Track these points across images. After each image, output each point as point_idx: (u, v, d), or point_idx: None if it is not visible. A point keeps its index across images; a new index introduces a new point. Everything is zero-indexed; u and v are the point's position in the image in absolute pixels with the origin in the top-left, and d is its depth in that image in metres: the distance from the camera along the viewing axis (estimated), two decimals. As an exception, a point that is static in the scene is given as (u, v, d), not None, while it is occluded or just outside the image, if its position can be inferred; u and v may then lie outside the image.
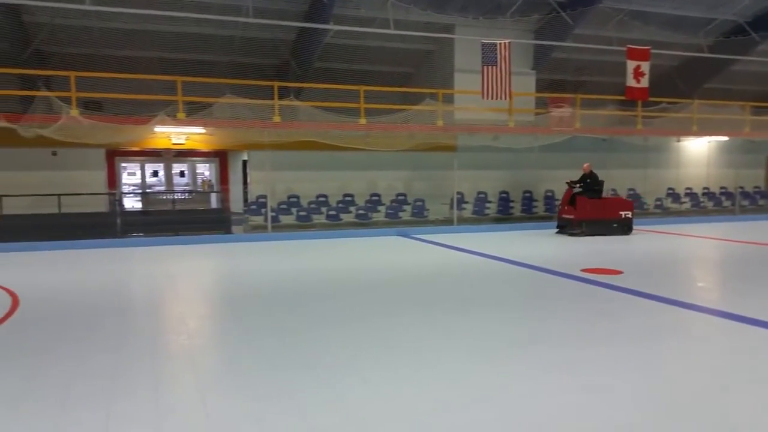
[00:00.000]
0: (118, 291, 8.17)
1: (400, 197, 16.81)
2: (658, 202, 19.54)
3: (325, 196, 16.08)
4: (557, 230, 14.48)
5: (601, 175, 14.41)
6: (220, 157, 20.22)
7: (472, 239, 13.40)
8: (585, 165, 14.37)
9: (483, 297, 7.49)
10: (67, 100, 12.49)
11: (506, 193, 17.95)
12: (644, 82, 15.83)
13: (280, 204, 15.39)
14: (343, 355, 4.96)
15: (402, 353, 5.03)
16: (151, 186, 20.08)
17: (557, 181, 16.43)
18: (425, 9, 15.59)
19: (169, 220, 14.78)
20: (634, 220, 14.44)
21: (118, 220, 13.90)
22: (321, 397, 4.00)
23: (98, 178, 15.12)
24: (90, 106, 13.31)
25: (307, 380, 4.33)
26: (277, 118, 13.84)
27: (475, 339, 5.45)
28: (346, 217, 15.68)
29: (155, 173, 21.42)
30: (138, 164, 20.03)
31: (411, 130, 14.96)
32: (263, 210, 14.84)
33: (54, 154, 14.29)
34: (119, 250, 12.04)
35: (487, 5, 16.44)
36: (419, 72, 19.10)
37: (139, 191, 19.28)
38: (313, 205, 15.74)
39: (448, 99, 16.52)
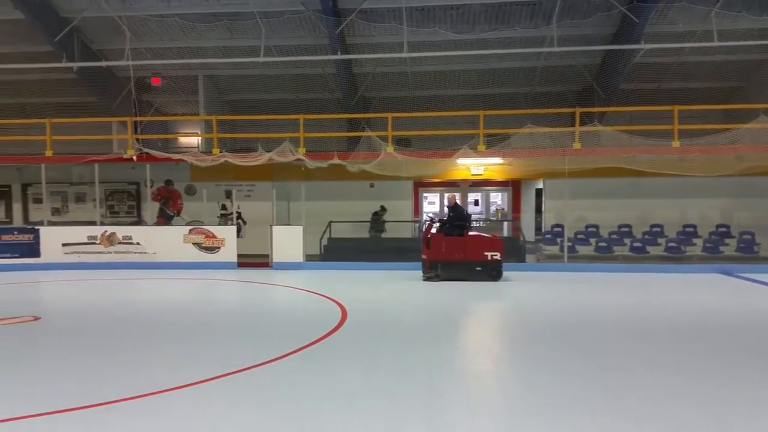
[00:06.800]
0: (426, 309, 8.75)
1: (721, 229, 14.50)
2: None
3: (628, 226, 14.82)
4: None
5: None
6: (513, 186, 20.43)
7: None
8: (449, 195, 12.22)
9: None
10: (384, 138, 14.11)
11: None
12: None
13: (577, 233, 14.72)
14: (663, 408, 4.34)
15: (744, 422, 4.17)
16: (446, 214, 21.32)
17: None
18: (760, 14, 13.36)
19: (466, 247, 15.39)
20: None
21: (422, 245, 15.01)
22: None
23: (406, 207, 16.69)
24: (401, 143, 14.81)
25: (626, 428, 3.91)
26: (577, 145, 13.36)
27: None
28: (653, 250, 14.17)
29: (452, 202, 22.75)
30: (437, 194, 21.53)
31: (740, 151, 12.84)
32: (559, 239, 14.39)
33: (371, 185, 16.21)
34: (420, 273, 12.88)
35: None
36: (749, 85, 16.41)
37: (437, 219, 20.63)
38: (614, 236, 14.64)
39: (790, 114, 13.76)
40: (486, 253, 11.57)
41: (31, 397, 4.67)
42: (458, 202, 12.19)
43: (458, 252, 11.56)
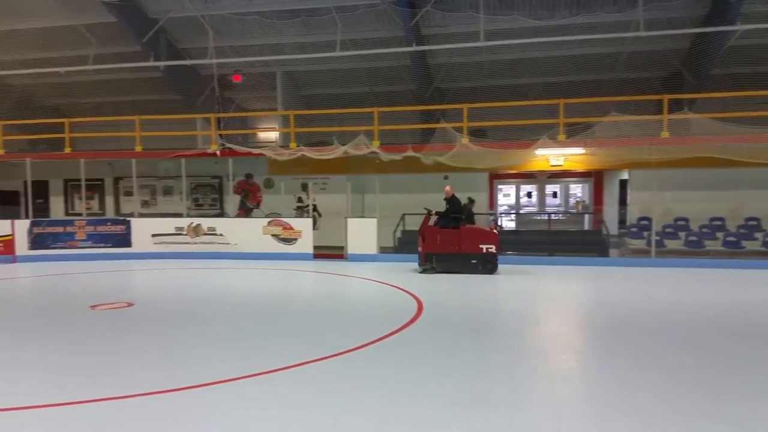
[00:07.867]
0: (504, 303, 8.57)
1: (829, 223, 13.35)
2: None
3: (720, 219, 13.90)
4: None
5: None
6: (595, 177, 19.61)
7: None
8: (446, 188, 12.11)
9: None
10: (459, 130, 13.89)
11: None
12: None
13: (665, 227, 13.95)
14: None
15: None
16: (522, 207, 20.81)
17: None
18: None
19: (543, 240, 14.94)
20: None
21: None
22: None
23: (482, 200, 16.39)
24: (476, 134, 14.53)
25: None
26: (665, 134, 12.63)
27: None
28: (749, 245, 13.22)
29: (529, 194, 22.20)
30: (513, 186, 21.02)
31: None
32: (645, 233, 13.69)
33: (445, 178, 16.03)
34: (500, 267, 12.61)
35: None
36: None
37: (513, 212, 20.19)
38: (705, 230, 13.77)
39: None
40: (481, 246, 11.41)
41: (127, 379, 4.94)
42: (455, 194, 12.16)
43: (453, 244, 11.52)
